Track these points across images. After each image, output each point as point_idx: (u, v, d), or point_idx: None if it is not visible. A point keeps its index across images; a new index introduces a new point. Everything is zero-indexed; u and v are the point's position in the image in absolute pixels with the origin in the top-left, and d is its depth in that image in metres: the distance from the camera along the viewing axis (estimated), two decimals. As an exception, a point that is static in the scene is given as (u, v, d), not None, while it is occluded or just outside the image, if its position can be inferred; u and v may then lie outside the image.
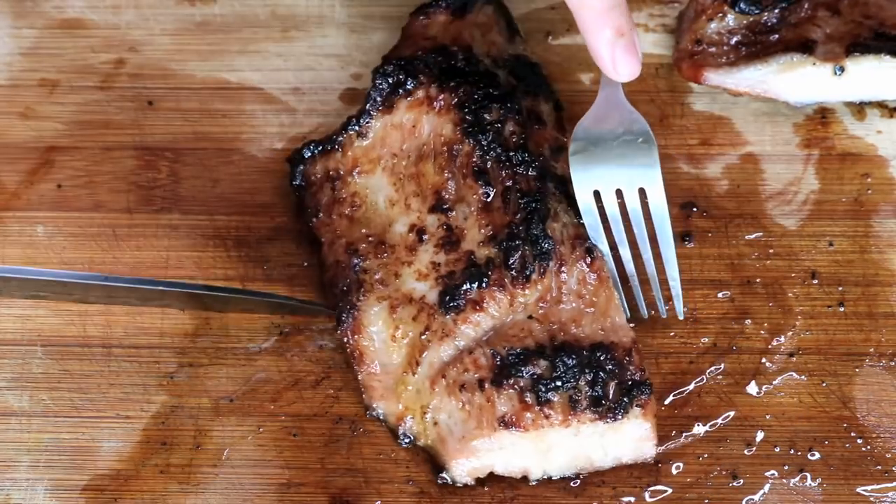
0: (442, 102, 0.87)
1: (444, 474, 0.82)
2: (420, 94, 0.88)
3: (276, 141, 0.95)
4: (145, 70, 0.98)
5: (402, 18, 0.94)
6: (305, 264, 0.90)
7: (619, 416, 0.79)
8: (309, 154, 0.90)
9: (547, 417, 0.79)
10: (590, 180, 0.84)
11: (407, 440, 0.83)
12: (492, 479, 0.82)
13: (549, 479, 0.82)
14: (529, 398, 0.79)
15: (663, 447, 0.83)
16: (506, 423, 0.79)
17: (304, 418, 0.84)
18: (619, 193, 0.85)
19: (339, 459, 0.83)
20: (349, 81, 0.95)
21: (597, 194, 0.84)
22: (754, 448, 0.83)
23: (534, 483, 0.82)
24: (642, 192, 0.85)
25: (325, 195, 0.89)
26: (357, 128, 0.89)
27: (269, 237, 0.91)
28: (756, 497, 0.81)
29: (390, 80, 0.89)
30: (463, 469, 0.81)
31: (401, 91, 0.88)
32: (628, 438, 0.80)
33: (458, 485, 0.82)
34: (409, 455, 0.83)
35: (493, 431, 0.79)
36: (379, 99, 0.89)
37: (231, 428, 0.84)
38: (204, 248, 0.90)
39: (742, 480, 0.82)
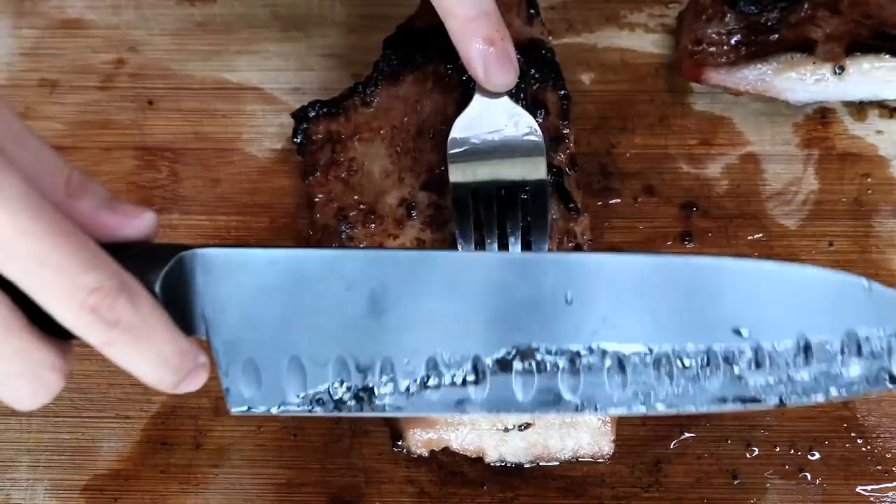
0: (448, 80, 0.88)
1: (400, 443, 0.82)
2: (428, 69, 0.88)
3: (276, 141, 0.95)
4: (145, 70, 0.98)
5: (402, 19, 0.94)
6: (305, 264, 0.89)
7: None
8: (313, 113, 0.90)
9: None
10: (467, 178, 0.82)
11: None
12: (492, 478, 0.82)
13: (506, 464, 0.82)
14: None
15: (667, 447, 0.83)
16: None
17: (304, 418, 0.84)
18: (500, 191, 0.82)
19: (339, 459, 0.83)
20: (349, 81, 0.95)
21: (475, 193, 0.82)
22: (754, 448, 0.83)
23: (520, 464, 0.82)
24: (524, 190, 0.82)
25: (324, 156, 0.89)
26: (362, 95, 0.89)
27: (269, 237, 0.91)
28: (756, 497, 0.81)
29: (400, 52, 0.89)
30: (419, 439, 0.81)
31: (409, 64, 0.89)
32: (586, 431, 0.80)
33: (414, 455, 0.82)
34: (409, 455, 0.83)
35: None
36: (387, 69, 0.89)
37: (231, 428, 0.84)
38: (204, 248, 0.90)
39: (742, 480, 0.82)
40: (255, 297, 0.69)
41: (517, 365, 0.70)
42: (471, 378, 0.70)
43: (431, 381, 0.70)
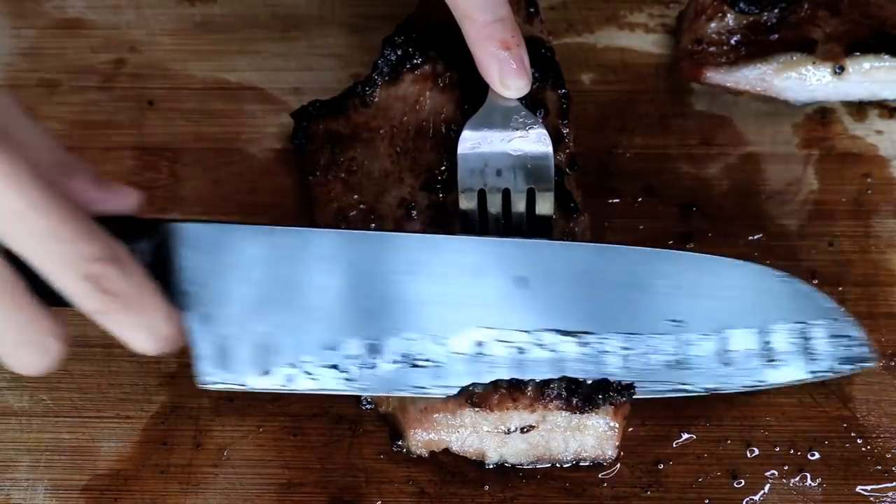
0: (447, 80, 0.87)
1: (399, 443, 0.82)
2: (426, 68, 0.88)
3: (276, 141, 0.95)
4: (145, 70, 0.98)
5: (402, 19, 0.94)
6: (305, 264, 0.89)
7: (588, 410, 0.78)
8: (313, 113, 0.90)
9: (514, 400, 0.78)
10: (474, 180, 0.82)
11: (368, 405, 0.83)
12: (492, 478, 0.82)
13: (505, 465, 0.82)
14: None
15: (667, 447, 0.83)
16: (472, 401, 0.78)
17: (304, 418, 0.84)
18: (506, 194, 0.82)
19: (339, 459, 0.83)
20: (349, 81, 0.95)
21: (482, 194, 0.82)
22: (754, 448, 0.83)
23: (519, 468, 0.82)
24: (531, 192, 0.82)
25: (324, 156, 0.89)
26: (362, 95, 0.89)
27: (269, 237, 0.91)
28: (756, 497, 0.81)
29: (398, 52, 0.89)
30: (420, 440, 0.81)
31: (408, 64, 0.89)
32: (592, 434, 0.80)
33: (413, 455, 0.82)
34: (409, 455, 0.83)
35: (458, 407, 0.79)
36: (386, 69, 0.89)
37: (231, 428, 0.84)
38: (204, 248, 0.90)
39: (742, 480, 0.82)
40: (234, 272, 0.73)
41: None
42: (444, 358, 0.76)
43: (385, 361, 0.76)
